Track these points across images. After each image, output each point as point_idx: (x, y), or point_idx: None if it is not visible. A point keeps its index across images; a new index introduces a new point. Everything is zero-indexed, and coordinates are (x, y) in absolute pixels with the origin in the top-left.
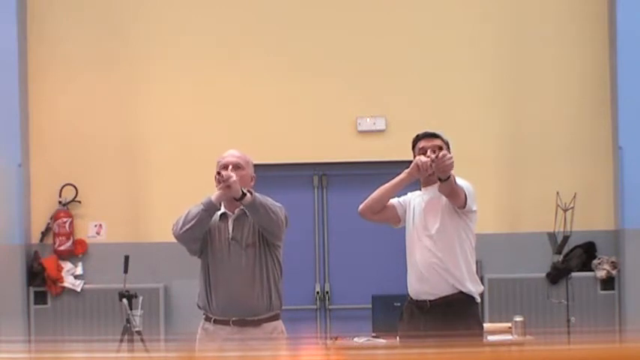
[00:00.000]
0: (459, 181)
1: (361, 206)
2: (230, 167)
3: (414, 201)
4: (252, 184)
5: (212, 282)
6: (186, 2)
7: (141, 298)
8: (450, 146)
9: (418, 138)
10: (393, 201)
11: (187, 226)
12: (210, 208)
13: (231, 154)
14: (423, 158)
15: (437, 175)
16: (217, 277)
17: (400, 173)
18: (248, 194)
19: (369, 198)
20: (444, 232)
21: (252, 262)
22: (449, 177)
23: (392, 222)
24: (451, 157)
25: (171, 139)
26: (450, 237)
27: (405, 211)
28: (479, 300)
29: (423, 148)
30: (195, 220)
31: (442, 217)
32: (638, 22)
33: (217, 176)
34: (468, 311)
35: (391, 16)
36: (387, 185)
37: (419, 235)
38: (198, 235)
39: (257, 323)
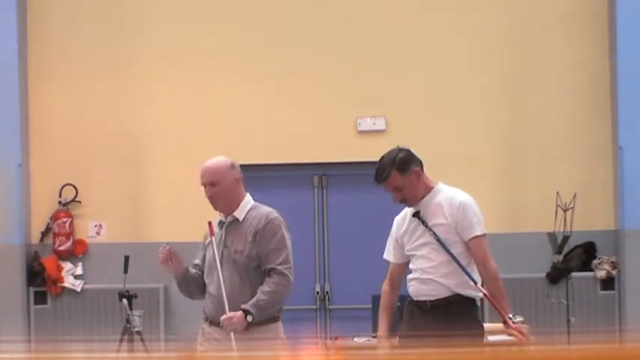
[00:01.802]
0: (467, 200)
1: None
2: (206, 188)
3: (407, 219)
4: (238, 185)
5: (206, 285)
6: (186, 3)
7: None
8: (412, 166)
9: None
10: (396, 252)
11: (183, 294)
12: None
13: (204, 172)
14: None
15: None
16: (209, 282)
17: None
18: (250, 317)
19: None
20: (445, 243)
21: (240, 269)
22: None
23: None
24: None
25: (171, 139)
26: (452, 247)
27: (403, 245)
28: (479, 303)
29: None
30: (181, 290)
31: (441, 230)
32: (638, 22)
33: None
34: (468, 312)
35: (391, 16)
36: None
37: (418, 246)
38: (195, 292)
39: (247, 327)
